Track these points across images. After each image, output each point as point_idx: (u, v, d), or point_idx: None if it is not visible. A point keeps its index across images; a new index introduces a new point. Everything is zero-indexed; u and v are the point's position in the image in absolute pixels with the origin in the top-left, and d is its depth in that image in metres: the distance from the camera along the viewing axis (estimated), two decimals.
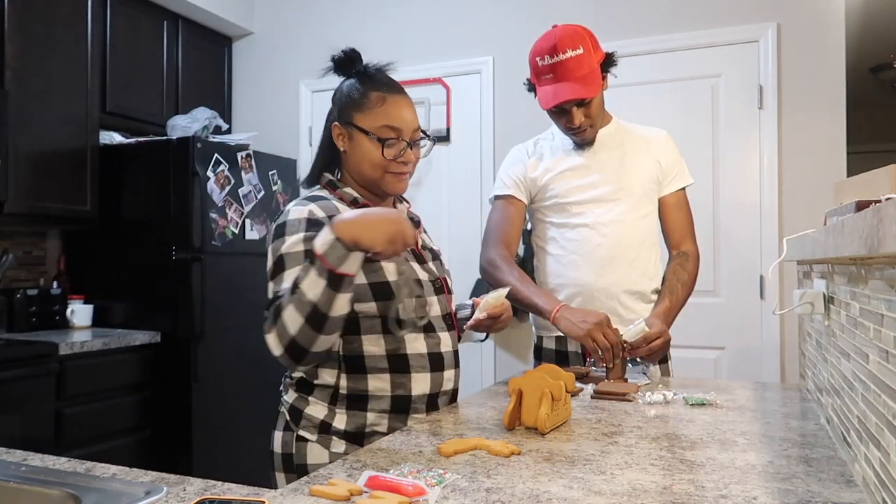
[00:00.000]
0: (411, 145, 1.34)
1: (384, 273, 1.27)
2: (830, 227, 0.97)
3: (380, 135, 1.31)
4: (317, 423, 1.28)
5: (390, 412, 1.29)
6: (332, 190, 1.37)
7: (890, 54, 4.51)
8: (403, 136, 1.32)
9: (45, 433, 2.52)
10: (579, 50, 1.74)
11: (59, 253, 3.31)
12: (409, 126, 1.33)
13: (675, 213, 1.92)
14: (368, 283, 1.26)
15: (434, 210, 3.54)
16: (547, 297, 1.78)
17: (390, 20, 3.66)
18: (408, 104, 1.35)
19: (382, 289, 1.27)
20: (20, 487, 0.91)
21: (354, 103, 1.34)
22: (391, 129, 1.31)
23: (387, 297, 1.27)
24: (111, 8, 3.23)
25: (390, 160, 1.31)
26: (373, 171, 1.33)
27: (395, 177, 1.34)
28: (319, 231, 1.15)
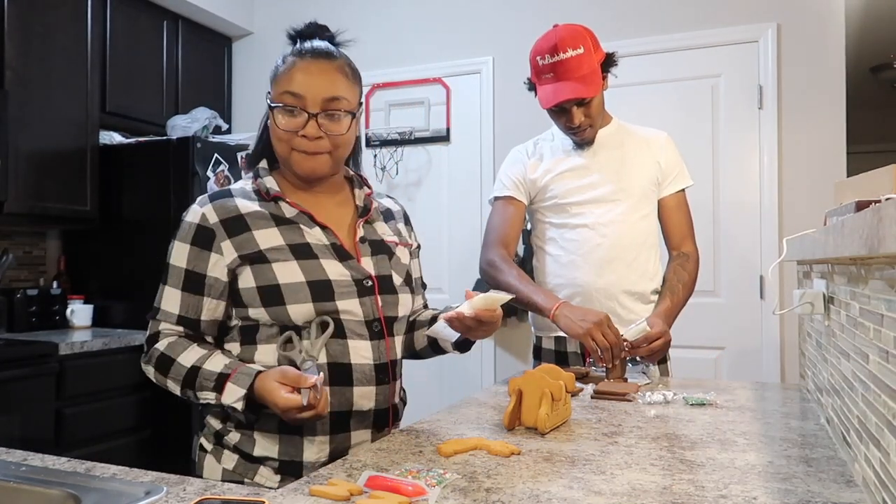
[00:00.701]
0: (316, 116, 1.16)
1: (275, 276, 1.15)
2: (830, 227, 0.96)
3: (277, 101, 1.18)
4: (213, 431, 1.21)
5: (280, 433, 1.15)
6: (254, 180, 1.25)
7: (890, 54, 4.51)
8: (307, 105, 1.16)
9: (45, 433, 2.52)
10: (580, 49, 1.74)
11: (59, 253, 3.31)
12: (316, 93, 1.16)
13: (675, 214, 1.92)
14: (257, 286, 1.15)
15: (434, 210, 3.54)
16: (546, 295, 1.78)
17: (390, 20, 3.66)
18: (323, 69, 1.18)
19: (271, 292, 1.15)
20: (20, 487, 0.91)
21: (273, 72, 1.23)
22: (291, 96, 1.16)
23: (275, 301, 1.14)
24: (111, 8, 3.23)
25: (290, 132, 1.16)
26: (279, 147, 1.20)
27: (301, 155, 1.18)
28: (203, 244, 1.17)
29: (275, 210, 1.21)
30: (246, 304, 1.17)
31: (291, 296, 1.14)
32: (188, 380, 1.14)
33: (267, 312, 1.15)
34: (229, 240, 1.17)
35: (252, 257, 1.16)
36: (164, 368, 1.16)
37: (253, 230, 1.18)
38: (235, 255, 1.16)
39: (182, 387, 1.15)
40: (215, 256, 1.17)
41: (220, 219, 1.18)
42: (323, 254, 1.19)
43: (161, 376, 1.17)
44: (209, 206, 1.20)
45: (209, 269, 1.17)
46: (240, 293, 1.17)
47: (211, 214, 1.19)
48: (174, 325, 1.19)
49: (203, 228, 1.18)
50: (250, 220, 1.19)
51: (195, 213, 1.20)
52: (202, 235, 1.18)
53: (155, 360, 1.17)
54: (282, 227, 1.19)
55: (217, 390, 1.11)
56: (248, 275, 1.16)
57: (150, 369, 1.19)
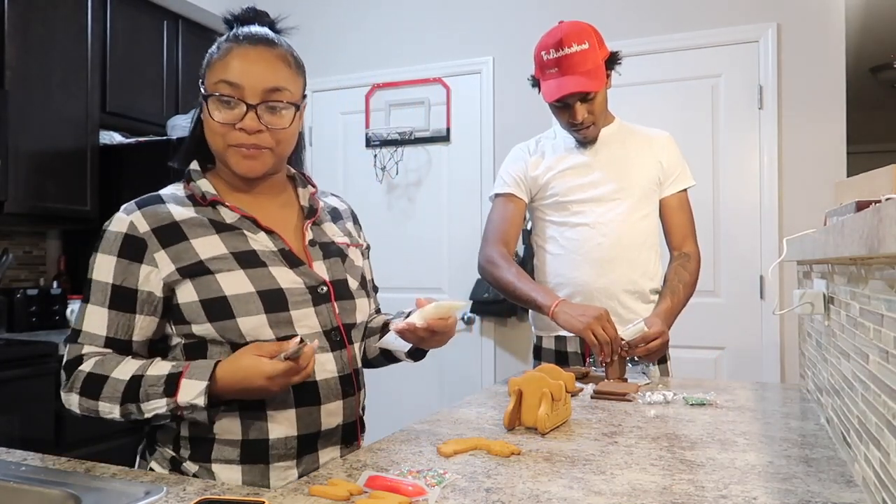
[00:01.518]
0: (255, 108, 1.05)
1: (221, 287, 1.03)
2: (830, 227, 0.96)
3: (211, 91, 1.06)
4: (168, 457, 1.08)
5: (241, 462, 1.04)
6: (187, 183, 1.13)
7: (890, 54, 4.51)
8: (245, 95, 1.04)
9: (45, 433, 2.52)
10: (585, 45, 1.74)
11: (59, 253, 3.32)
12: (256, 83, 1.05)
13: (677, 214, 1.92)
14: (200, 300, 1.03)
15: (434, 210, 3.54)
16: (545, 293, 1.78)
17: (390, 20, 3.66)
18: (262, 57, 1.07)
19: (217, 306, 1.03)
20: (20, 487, 0.91)
21: (207, 59, 1.10)
22: (227, 85, 1.05)
23: (222, 315, 1.03)
24: (111, 8, 3.23)
25: (226, 125, 1.05)
26: (214, 142, 1.08)
27: (238, 151, 1.06)
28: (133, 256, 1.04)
29: (213, 216, 1.09)
30: (188, 320, 1.04)
31: (241, 308, 1.03)
32: (129, 393, 0.98)
33: (214, 328, 1.03)
34: (164, 250, 1.04)
35: (192, 269, 1.04)
36: (93, 390, 1.00)
37: (191, 239, 1.05)
38: (173, 267, 1.04)
39: (122, 402, 0.98)
40: (147, 268, 1.04)
41: (151, 227, 1.05)
42: (271, 261, 1.08)
43: (90, 400, 1.00)
44: (137, 213, 1.06)
45: (140, 284, 1.04)
46: (180, 308, 1.04)
47: (140, 223, 1.05)
48: (101, 348, 1.04)
49: (132, 238, 1.04)
50: (186, 227, 1.06)
51: (121, 221, 1.06)
52: (131, 246, 1.04)
53: (81, 384, 1.01)
54: (223, 234, 1.07)
55: (169, 393, 0.96)
56: (188, 288, 1.03)
57: (74, 397, 1.01)
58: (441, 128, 3.54)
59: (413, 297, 1.38)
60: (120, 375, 0.99)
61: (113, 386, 0.99)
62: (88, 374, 1.01)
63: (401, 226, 3.59)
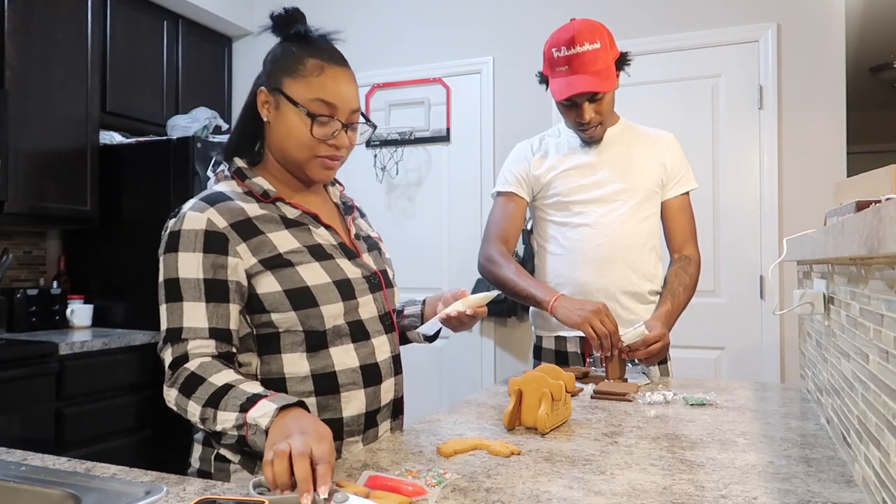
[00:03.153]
0: (347, 128, 1.16)
1: (301, 278, 1.11)
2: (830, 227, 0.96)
3: (311, 109, 1.13)
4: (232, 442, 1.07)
5: None
6: (240, 180, 1.19)
7: (890, 54, 4.52)
8: (339, 115, 1.14)
9: (45, 433, 2.52)
10: (597, 44, 1.74)
11: (59, 253, 3.32)
12: (347, 105, 1.15)
13: (679, 216, 1.91)
14: (283, 290, 1.10)
15: (434, 210, 3.54)
16: (544, 289, 1.78)
17: (390, 20, 3.66)
18: (349, 79, 1.17)
19: (301, 295, 1.10)
20: (20, 487, 0.91)
21: (287, 68, 1.15)
22: (325, 105, 1.13)
23: (307, 304, 1.10)
24: (111, 8, 3.24)
25: (319, 140, 1.14)
26: (298, 151, 1.15)
27: (321, 162, 1.16)
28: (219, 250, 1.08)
29: (277, 212, 1.16)
30: (269, 309, 1.10)
31: (322, 296, 1.12)
32: (214, 398, 1.00)
33: (297, 316, 1.10)
34: (244, 243, 1.10)
35: (272, 261, 1.10)
36: (189, 389, 1.02)
37: (266, 233, 1.12)
38: (254, 259, 1.10)
39: (204, 405, 1.00)
40: (234, 260, 1.09)
41: (228, 223, 1.10)
42: (336, 254, 1.17)
43: (184, 398, 1.03)
44: (211, 209, 1.11)
45: (230, 275, 1.09)
46: (260, 298, 1.10)
47: (217, 218, 1.10)
48: (206, 339, 1.07)
49: (213, 234, 1.09)
50: (259, 223, 1.13)
51: (196, 219, 1.10)
52: (214, 241, 1.09)
53: (182, 381, 1.04)
54: (291, 229, 1.15)
55: (244, 409, 0.96)
56: (269, 279, 1.10)
57: (173, 392, 1.04)
58: (441, 128, 3.54)
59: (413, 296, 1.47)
60: (216, 381, 1.02)
61: (206, 389, 1.02)
62: (191, 374, 1.04)
63: (401, 226, 3.59)
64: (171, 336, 1.08)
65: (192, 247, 1.09)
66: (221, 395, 1.00)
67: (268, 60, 1.20)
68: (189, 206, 1.13)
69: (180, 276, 1.09)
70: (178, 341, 1.07)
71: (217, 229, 1.09)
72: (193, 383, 1.03)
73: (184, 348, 1.06)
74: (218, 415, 0.98)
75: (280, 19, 1.19)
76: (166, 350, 1.08)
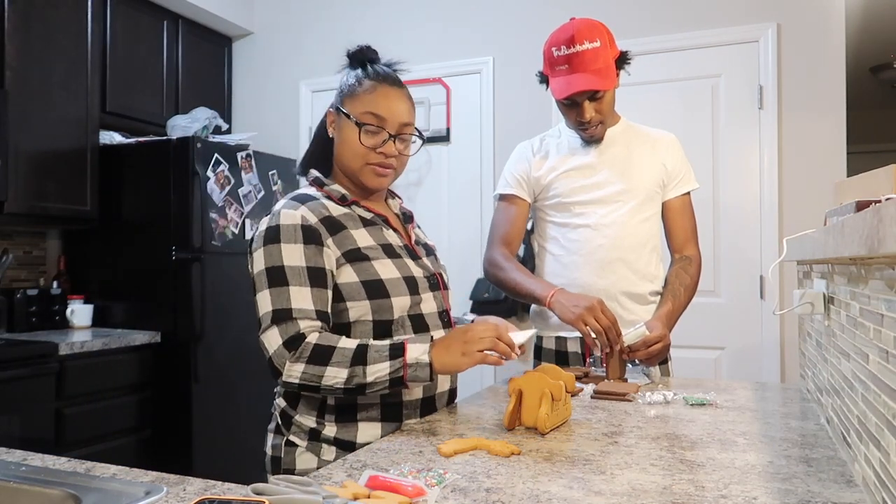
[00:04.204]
0: (395, 138, 1.30)
1: (376, 271, 1.25)
2: (830, 227, 0.96)
3: (361, 120, 1.29)
4: (307, 429, 1.25)
5: (382, 420, 1.25)
6: (319, 187, 1.34)
7: (890, 54, 4.52)
8: (387, 126, 1.29)
9: (45, 433, 2.52)
10: (596, 43, 1.73)
11: (59, 253, 3.31)
12: (396, 118, 1.30)
13: (680, 217, 1.91)
14: (360, 280, 1.24)
15: (434, 210, 3.54)
16: (542, 285, 1.78)
17: (390, 20, 3.66)
18: (400, 97, 1.32)
19: (375, 287, 1.24)
20: (20, 487, 0.91)
21: (348, 90, 1.33)
22: (374, 116, 1.29)
23: (380, 295, 1.24)
24: (111, 8, 3.24)
25: (368, 148, 1.29)
26: (352, 160, 1.31)
27: (373, 169, 1.31)
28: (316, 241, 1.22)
29: (354, 213, 1.31)
30: (346, 298, 1.24)
31: (394, 289, 1.25)
32: (357, 356, 1.15)
33: (371, 305, 1.24)
34: (331, 238, 1.24)
35: (353, 254, 1.24)
36: (322, 358, 1.15)
37: (349, 230, 1.27)
38: (339, 252, 1.24)
39: (351, 365, 1.14)
40: (327, 251, 1.23)
41: (318, 219, 1.25)
42: (403, 254, 1.32)
43: (317, 367, 1.15)
44: (303, 207, 1.26)
45: (326, 264, 1.23)
46: (339, 288, 1.24)
47: (309, 215, 1.24)
48: (314, 320, 1.20)
49: (308, 227, 1.23)
50: (342, 220, 1.28)
51: (292, 215, 1.24)
52: (310, 234, 1.23)
53: (309, 354, 1.16)
54: (367, 227, 1.30)
55: (394, 356, 1.15)
56: (349, 271, 1.24)
57: (299, 367, 1.16)
58: (441, 128, 3.54)
59: None
60: (347, 345, 1.17)
61: (341, 353, 1.16)
62: (316, 345, 1.17)
63: None
64: (279, 316, 1.18)
65: (293, 239, 1.22)
66: (363, 352, 1.16)
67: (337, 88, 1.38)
68: (282, 205, 1.27)
69: (285, 264, 1.21)
70: (287, 320, 1.18)
71: (310, 224, 1.24)
72: (324, 352, 1.16)
73: (296, 327, 1.18)
74: (367, 369, 1.15)
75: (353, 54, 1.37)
76: (272, 330, 1.18)
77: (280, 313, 1.18)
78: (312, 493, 0.78)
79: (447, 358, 1.16)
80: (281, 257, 1.21)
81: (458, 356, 1.16)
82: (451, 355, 1.16)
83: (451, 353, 1.16)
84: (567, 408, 1.26)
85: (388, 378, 1.15)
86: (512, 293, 1.86)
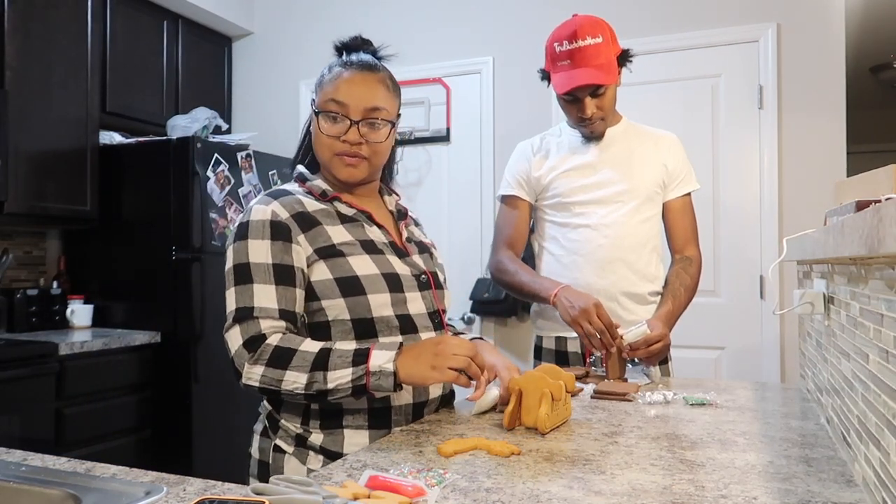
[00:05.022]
0: (357, 124, 1.23)
1: (351, 267, 1.19)
2: (830, 227, 0.96)
3: (322, 108, 1.24)
4: (293, 434, 1.20)
5: (370, 428, 1.20)
6: (301, 183, 1.30)
7: (890, 54, 4.51)
8: (350, 112, 1.22)
9: (45, 433, 2.52)
10: (599, 38, 1.74)
11: (59, 253, 3.32)
12: (360, 102, 1.23)
13: (680, 217, 1.91)
14: (334, 277, 1.18)
15: (434, 210, 3.54)
16: (546, 285, 1.78)
17: (390, 20, 3.66)
18: (366, 80, 1.25)
19: (350, 283, 1.19)
20: (20, 487, 0.91)
21: (318, 80, 1.29)
22: (335, 103, 1.23)
23: (355, 292, 1.18)
24: (111, 8, 3.24)
25: (332, 137, 1.23)
26: (321, 151, 1.26)
27: (341, 160, 1.24)
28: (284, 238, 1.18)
29: (333, 209, 1.26)
30: (320, 296, 1.19)
31: (370, 286, 1.19)
32: (318, 362, 1.09)
33: (346, 303, 1.18)
34: (303, 234, 1.20)
35: (326, 251, 1.19)
36: (281, 361, 1.10)
37: (323, 226, 1.22)
38: (311, 249, 1.19)
39: (311, 370, 1.09)
40: (296, 247, 1.19)
41: (290, 214, 1.20)
42: (386, 250, 1.25)
43: (276, 370, 1.10)
44: (275, 203, 1.21)
45: (295, 261, 1.18)
46: (313, 286, 1.19)
47: (280, 210, 1.20)
48: (277, 320, 1.15)
49: (277, 224, 1.19)
50: (317, 216, 1.23)
51: (263, 211, 1.20)
52: (279, 230, 1.18)
53: (269, 357, 1.11)
54: (346, 224, 1.25)
55: (357, 363, 1.09)
56: (322, 268, 1.19)
57: (258, 369, 1.11)
58: (441, 128, 3.54)
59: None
60: (309, 348, 1.11)
61: (302, 357, 1.10)
62: (276, 347, 1.11)
63: None
64: (241, 315, 1.14)
65: (261, 235, 1.18)
66: (324, 357, 1.10)
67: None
68: (255, 201, 1.23)
69: (251, 261, 1.17)
70: (248, 319, 1.14)
71: (280, 220, 1.19)
72: (284, 355, 1.10)
73: (257, 327, 1.13)
74: (328, 375, 1.09)
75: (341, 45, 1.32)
76: (234, 329, 1.14)
77: (242, 312, 1.14)
78: (312, 493, 0.78)
79: (414, 369, 1.09)
80: (247, 254, 1.17)
81: (426, 369, 1.09)
82: (420, 366, 1.09)
83: (419, 364, 1.09)
84: (567, 408, 1.26)
85: (350, 385, 1.09)
86: (520, 295, 1.88)
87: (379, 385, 1.09)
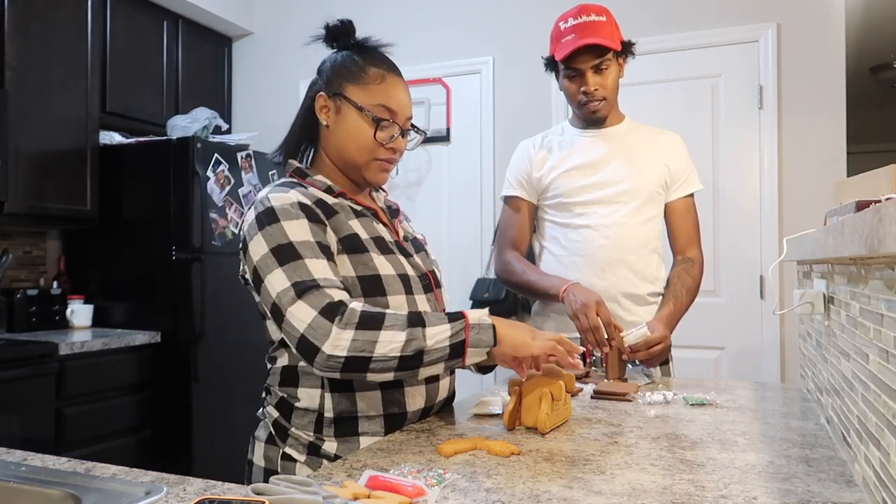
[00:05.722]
0: (403, 133, 1.23)
1: (375, 265, 1.15)
2: (830, 227, 0.96)
3: (375, 113, 1.19)
4: (305, 443, 1.16)
5: (386, 433, 1.17)
6: (301, 178, 1.23)
7: (890, 54, 4.51)
8: (398, 120, 1.21)
9: (45, 433, 2.52)
10: (603, 17, 1.77)
11: (59, 253, 3.32)
12: (405, 112, 1.23)
13: (683, 218, 1.91)
14: (357, 275, 1.14)
15: (434, 210, 3.54)
16: (557, 280, 1.79)
17: (391, 20, 3.66)
18: (405, 88, 1.25)
19: (373, 283, 1.14)
20: (20, 487, 0.91)
21: (350, 74, 1.22)
22: (387, 110, 1.20)
23: (377, 292, 1.14)
24: (111, 8, 3.24)
25: (379, 144, 1.20)
26: (359, 153, 1.21)
27: (380, 165, 1.22)
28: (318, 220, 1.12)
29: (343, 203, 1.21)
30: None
31: (390, 287, 1.16)
32: (414, 320, 1.05)
33: (366, 302, 1.12)
34: (328, 222, 1.15)
35: (350, 243, 1.15)
36: (374, 322, 1.03)
37: (343, 217, 1.18)
38: (336, 237, 1.15)
39: (408, 328, 1.04)
40: (329, 231, 1.14)
41: (311, 202, 1.15)
42: (395, 249, 1.22)
43: (370, 332, 1.02)
44: (293, 191, 1.15)
45: (329, 242, 1.13)
46: None
47: (302, 197, 1.14)
48: (343, 290, 1.08)
49: (306, 206, 1.13)
50: (335, 208, 1.19)
51: (284, 196, 1.13)
52: (310, 212, 1.12)
53: (358, 320, 1.03)
54: (359, 218, 1.21)
55: (455, 318, 1.07)
56: (346, 263, 1.13)
57: (347, 334, 1.02)
58: (441, 128, 3.54)
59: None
60: (397, 311, 1.08)
61: (394, 317, 1.05)
62: (364, 311, 1.05)
63: None
64: (301, 288, 1.04)
65: (293, 216, 1.11)
66: (418, 315, 1.06)
67: (326, 68, 1.27)
68: (268, 191, 1.16)
69: (293, 240, 1.08)
70: (314, 289, 1.04)
71: (308, 203, 1.13)
72: (376, 317, 1.04)
73: (328, 295, 1.04)
74: (427, 331, 1.05)
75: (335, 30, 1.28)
76: (299, 304, 1.03)
77: (302, 285, 1.04)
78: (312, 493, 0.78)
79: (513, 330, 1.10)
80: (286, 235, 1.08)
81: (527, 336, 1.11)
82: (520, 332, 1.11)
83: (519, 330, 1.11)
84: (567, 408, 1.26)
85: (447, 344, 1.05)
86: (529, 293, 1.89)
87: (479, 339, 1.07)
